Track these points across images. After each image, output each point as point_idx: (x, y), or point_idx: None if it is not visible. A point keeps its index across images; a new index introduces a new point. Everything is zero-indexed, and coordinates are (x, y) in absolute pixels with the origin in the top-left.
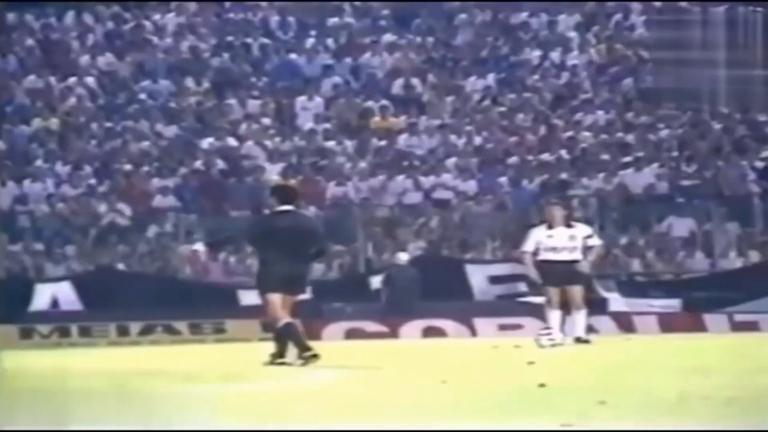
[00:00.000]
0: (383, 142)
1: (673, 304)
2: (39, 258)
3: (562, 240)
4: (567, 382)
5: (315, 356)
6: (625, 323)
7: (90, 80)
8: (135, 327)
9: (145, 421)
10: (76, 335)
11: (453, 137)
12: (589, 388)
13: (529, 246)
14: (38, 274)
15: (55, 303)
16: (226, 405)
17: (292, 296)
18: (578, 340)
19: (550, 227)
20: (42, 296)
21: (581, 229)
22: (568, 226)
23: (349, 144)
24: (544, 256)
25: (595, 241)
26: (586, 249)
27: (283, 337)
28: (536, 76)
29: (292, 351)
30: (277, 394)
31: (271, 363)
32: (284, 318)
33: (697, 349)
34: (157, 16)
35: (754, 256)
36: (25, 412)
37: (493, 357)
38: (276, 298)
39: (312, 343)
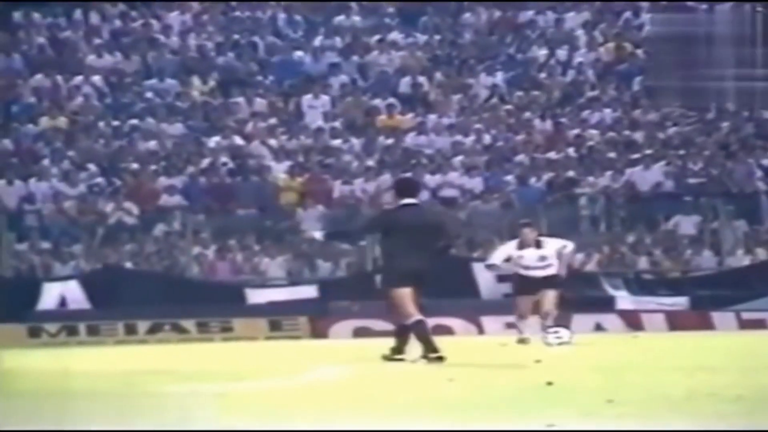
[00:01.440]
0: (390, 141)
1: (681, 302)
2: (46, 257)
3: (532, 260)
4: (574, 380)
5: (441, 358)
6: (632, 321)
7: (97, 79)
8: (143, 326)
9: (152, 420)
10: (84, 334)
11: (460, 136)
12: (596, 386)
13: (496, 259)
14: (46, 273)
15: (62, 302)
16: (233, 404)
17: (419, 291)
18: (546, 327)
19: (521, 247)
20: (50, 295)
21: (552, 245)
22: (538, 246)
23: (356, 142)
24: (517, 271)
25: (569, 247)
26: (563, 257)
27: (416, 334)
28: (543, 74)
29: (416, 349)
30: (284, 393)
31: (390, 358)
32: (415, 314)
33: (705, 347)
34: (164, 15)
35: (762, 254)
36: (32, 412)
37: (501, 355)
38: (406, 293)
39: (318, 342)
